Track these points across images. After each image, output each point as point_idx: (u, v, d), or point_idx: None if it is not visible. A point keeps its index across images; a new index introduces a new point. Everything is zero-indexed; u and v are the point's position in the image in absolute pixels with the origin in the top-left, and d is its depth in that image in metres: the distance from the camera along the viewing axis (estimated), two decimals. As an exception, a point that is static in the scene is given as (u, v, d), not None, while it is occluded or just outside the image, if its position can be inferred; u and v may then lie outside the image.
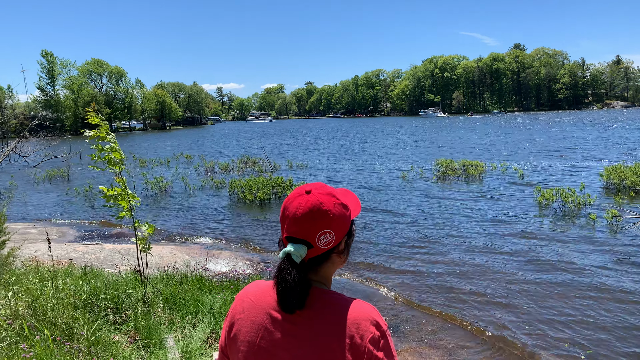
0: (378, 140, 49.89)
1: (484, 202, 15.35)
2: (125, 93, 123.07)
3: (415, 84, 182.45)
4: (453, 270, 9.10)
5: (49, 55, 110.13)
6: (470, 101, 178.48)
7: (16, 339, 4.01)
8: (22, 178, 28.31)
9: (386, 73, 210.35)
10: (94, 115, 5.23)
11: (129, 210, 5.40)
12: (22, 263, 7.04)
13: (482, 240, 11.07)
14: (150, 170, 28.13)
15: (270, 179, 18.28)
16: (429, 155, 31.26)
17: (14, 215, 16.41)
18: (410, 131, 67.35)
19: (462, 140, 45.37)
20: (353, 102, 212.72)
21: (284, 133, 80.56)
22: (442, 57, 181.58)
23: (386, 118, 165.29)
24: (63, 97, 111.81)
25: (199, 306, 5.88)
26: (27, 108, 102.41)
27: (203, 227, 13.93)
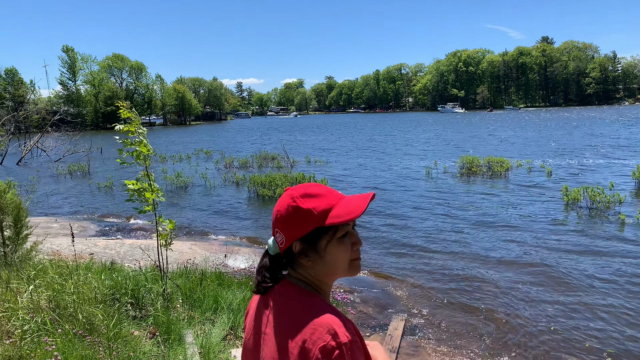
0: (399, 136, 49.61)
1: (509, 201, 15.14)
2: (145, 88, 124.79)
3: (439, 78, 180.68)
4: (475, 275, 9.01)
5: (70, 51, 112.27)
6: (495, 96, 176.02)
7: (39, 333, 4.12)
8: (44, 172, 28.94)
9: (408, 67, 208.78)
10: (126, 109, 5.32)
11: (152, 204, 5.48)
12: (44, 257, 7.20)
13: (503, 241, 10.93)
14: (170, 166, 28.48)
15: (290, 175, 18.35)
16: (452, 152, 30.96)
17: (36, 209, 16.80)
18: (429, 127, 66.79)
19: (482, 137, 44.80)
20: (374, 97, 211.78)
21: (305, 128, 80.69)
22: (466, 51, 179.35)
23: (408, 113, 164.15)
24: (84, 92, 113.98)
25: (218, 302, 5.94)
26: (49, 103, 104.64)
27: (222, 223, 14.05)
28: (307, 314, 1.40)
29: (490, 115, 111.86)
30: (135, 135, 5.36)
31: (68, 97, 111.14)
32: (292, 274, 1.55)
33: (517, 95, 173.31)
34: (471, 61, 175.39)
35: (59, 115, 48.58)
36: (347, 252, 1.50)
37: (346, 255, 1.50)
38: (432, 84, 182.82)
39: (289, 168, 25.22)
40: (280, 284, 1.55)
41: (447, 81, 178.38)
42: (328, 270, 1.51)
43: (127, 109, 5.34)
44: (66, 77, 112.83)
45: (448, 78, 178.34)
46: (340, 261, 1.50)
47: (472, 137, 44.58)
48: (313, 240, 1.49)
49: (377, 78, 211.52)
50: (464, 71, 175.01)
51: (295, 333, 1.37)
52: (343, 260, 1.50)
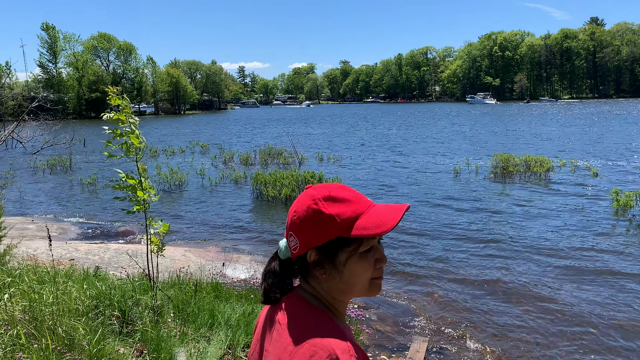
0: (423, 129, 49.49)
1: (549, 206, 15.04)
2: (135, 72, 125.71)
3: (470, 64, 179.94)
4: (510, 293, 8.96)
5: (51, 29, 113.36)
6: (535, 85, 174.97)
7: (12, 347, 4.16)
8: (21, 166, 29.30)
9: (435, 51, 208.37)
10: (116, 96, 5.37)
11: (142, 205, 5.52)
12: (19, 263, 7.28)
13: (541, 255, 10.86)
14: (162, 161, 28.68)
15: (297, 173, 18.38)
16: (480, 149, 30.82)
17: (11, 208, 16.99)
18: (453, 120, 66.52)
19: (521, 132, 44.54)
20: (395, 84, 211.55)
21: (317, 119, 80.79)
22: (502, 33, 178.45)
23: (434, 104, 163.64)
24: (66, 75, 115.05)
25: (215, 317, 5.97)
26: (26, 88, 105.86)
27: (220, 227, 14.12)
28: (310, 334, 1.39)
29: (526, 107, 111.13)
30: (126, 125, 5.41)
31: (48, 82, 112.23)
32: (303, 286, 1.54)
33: (560, 84, 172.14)
34: (508, 45, 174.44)
35: (37, 102, 48.74)
36: (369, 269, 1.46)
37: (367, 273, 1.47)
38: (463, 71, 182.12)
39: (296, 165, 25.28)
40: (289, 296, 1.53)
41: (480, 68, 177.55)
42: (344, 288, 1.48)
43: (117, 95, 5.39)
44: (46, 59, 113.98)
45: (481, 64, 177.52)
46: (360, 279, 1.46)
47: (505, 132, 44.36)
48: (332, 251, 1.45)
49: (400, 63, 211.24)
50: (499, 56, 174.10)
51: (294, 354, 1.37)
52: (363, 278, 1.46)
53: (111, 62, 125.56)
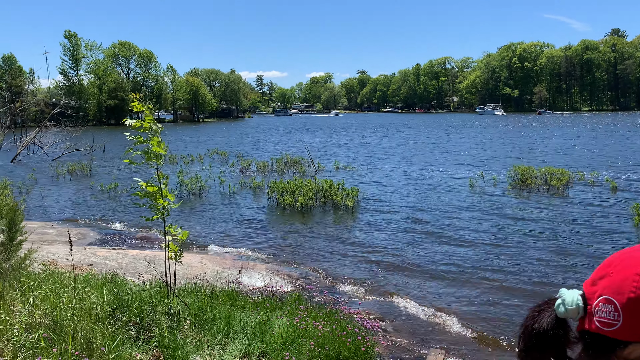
0: (441, 140, 49.28)
1: (568, 220, 14.87)
2: (155, 80, 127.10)
3: (489, 75, 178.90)
4: (526, 306, 8.86)
5: (73, 37, 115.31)
6: (554, 97, 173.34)
7: (33, 351, 4.23)
8: (42, 172, 29.71)
9: (454, 62, 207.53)
10: (139, 103, 5.44)
11: (162, 212, 5.57)
12: (40, 267, 7.38)
13: (559, 271, 10.74)
14: (181, 168, 28.90)
15: (315, 182, 18.40)
16: (501, 160, 30.60)
17: (32, 213, 17.24)
18: (462, 131, 66.14)
19: (536, 143, 44.14)
20: (413, 94, 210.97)
21: (338, 129, 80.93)
22: (522, 44, 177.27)
23: (452, 115, 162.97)
24: (87, 83, 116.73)
25: (231, 325, 5.99)
26: (48, 94, 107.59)
27: (237, 234, 14.18)
28: None
29: (536, 119, 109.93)
30: (149, 131, 5.47)
31: (69, 89, 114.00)
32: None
33: (580, 96, 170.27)
34: (527, 56, 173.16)
35: (59, 108, 49.82)
36: None
37: None
38: (482, 82, 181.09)
39: (313, 174, 25.32)
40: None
41: (499, 78, 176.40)
42: None
43: (141, 102, 5.46)
44: (68, 66, 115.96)
45: (500, 75, 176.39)
46: None
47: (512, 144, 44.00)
48: None
49: (418, 73, 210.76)
50: (518, 67, 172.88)
51: None
52: None
53: (131, 69, 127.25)
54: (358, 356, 5.95)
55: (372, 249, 12.35)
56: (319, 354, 5.67)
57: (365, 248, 12.43)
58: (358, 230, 14.25)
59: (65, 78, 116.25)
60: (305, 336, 5.94)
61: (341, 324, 6.36)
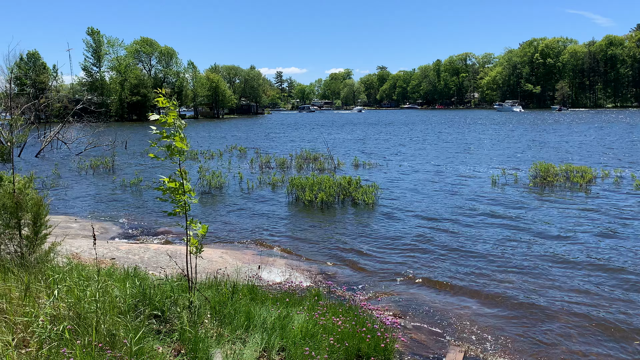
0: (460, 136, 48.89)
1: (590, 217, 14.67)
2: (176, 76, 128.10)
3: (511, 71, 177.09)
4: (547, 304, 8.77)
5: (96, 33, 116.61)
6: (577, 93, 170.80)
7: (58, 342, 4.29)
8: (65, 167, 30.15)
9: (475, 57, 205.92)
10: (165, 98, 5.49)
11: (183, 207, 5.62)
12: (63, 260, 7.49)
13: (578, 268, 10.59)
14: (202, 164, 29.10)
15: (334, 178, 18.39)
16: (521, 157, 30.27)
17: (56, 207, 17.51)
18: (475, 128, 65.47)
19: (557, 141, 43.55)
20: (433, 90, 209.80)
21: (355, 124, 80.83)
22: (544, 40, 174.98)
23: (471, 111, 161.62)
24: (109, 79, 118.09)
25: (251, 319, 6.02)
26: (71, 90, 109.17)
27: (256, 230, 14.23)
28: None
29: (556, 115, 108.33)
30: (172, 126, 5.51)
31: (92, 85, 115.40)
32: None
33: (604, 92, 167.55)
34: (550, 52, 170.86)
35: (82, 104, 50.54)
36: None
37: None
38: (503, 78, 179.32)
39: (332, 170, 25.31)
40: None
41: (521, 75, 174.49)
42: None
43: (166, 97, 5.51)
44: (90, 63, 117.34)
45: (522, 71, 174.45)
46: None
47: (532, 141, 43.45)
48: None
49: (438, 69, 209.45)
50: (540, 63, 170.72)
51: None
52: None
53: (153, 66, 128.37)
54: (377, 352, 5.94)
55: (391, 245, 12.31)
56: (339, 349, 5.68)
57: (385, 245, 12.40)
58: (377, 227, 14.21)
59: (88, 74, 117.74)
60: (325, 332, 5.95)
61: (360, 320, 6.36)
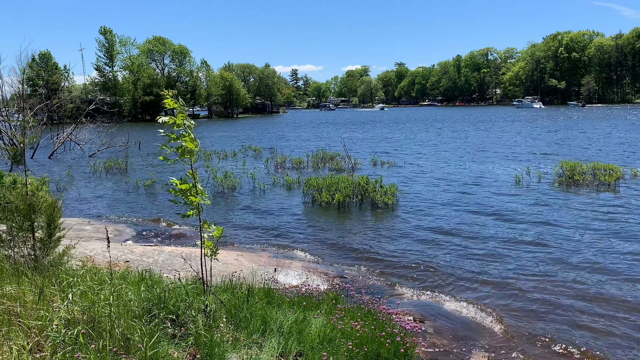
0: (482, 133, 48.53)
1: (618, 218, 14.47)
2: (189, 75, 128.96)
3: (534, 66, 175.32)
4: (576, 308, 8.67)
5: (108, 33, 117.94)
6: (604, 88, 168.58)
7: (72, 347, 4.35)
8: (78, 168, 30.52)
9: (497, 52, 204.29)
10: (172, 99, 5.52)
11: (196, 208, 5.65)
12: (78, 264, 7.58)
13: (605, 271, 10.45)
14: (215, 164, 29.27)
15: (352, 178, 18.36)
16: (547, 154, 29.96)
17: (69, 209, 17.73)
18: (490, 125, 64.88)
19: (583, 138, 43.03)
20: (454, 87, 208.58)
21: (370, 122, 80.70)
22: (569, 34, 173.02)
23: (491, 108, 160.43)
24: (122, 79, 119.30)
25: (267, 323, 6.03)
26: (83, 91, 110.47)
27: (272, 232, 14.27)
28: None
29: (578, 111, 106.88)
30: (181, 128, 5.55)
31: (104, 85, 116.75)
32: None
33: (632, 87, 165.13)
34: (575, 46, 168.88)
35: (95, 105, 51.16)
36: None
37: None
38: (526, 73, 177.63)
39: (349, 170, 25.28)
40: None
41: (544, 70, 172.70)
42: None
43: (173, 98, 5.54)
44: (103, 62, 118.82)
45: (545, 66, 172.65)
46: None
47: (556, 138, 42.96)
48: None
49: (458, 65, 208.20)
50: (565, 58, 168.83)
51: None
52: None
53: (166, 65, 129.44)
54: (397, 358, 5.92)
55: (411, 247, 12.27)
56: (357, 354, 5.66)
57: (405, 247, 12.35)
58: (396, 229, 14.17)
59: (101, 74, 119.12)
60: (343, 336, 5.94)
61: (380, 325, 6.34)
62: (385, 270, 10.66)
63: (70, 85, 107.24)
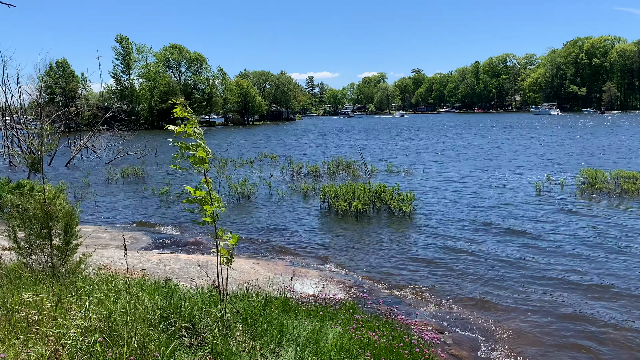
0: (499, 141, 48.19)
1: None
2: (206, 83, 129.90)
3: (554, 72, 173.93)
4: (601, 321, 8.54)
5: (125, 41, 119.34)
6: (626, 95, 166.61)
7: (89, 355, 4.38)
8: (95, 176, 30.86)
9: (516, 59, 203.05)
10: (180, 108, 5.56)
11: (212, 216, 5.68)
12: (95, 271, 7.65)
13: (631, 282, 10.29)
14: (231, 172, 29.42)
15: (369, 186, 18.32)
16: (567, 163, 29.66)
17: (85, 217, 17.93)
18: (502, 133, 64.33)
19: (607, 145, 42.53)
20: (472, 93, 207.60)
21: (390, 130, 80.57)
22: (589, 39, 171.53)
23: (509, 115, 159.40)
24: (138, 86, 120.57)
25: (283, 333, 6.03)
26: (100, 98, 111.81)
27: (288, 240, 14.28)
28: None
29: (599, 119, 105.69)
30: (192, 137, 5.57)
31: (121, 92, 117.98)
32: None
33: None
34: (596, 51, 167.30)
35: (112, 112, 51.76)
36: None
37: None
38: (546, 79, 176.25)
39: (366, 178, 25.24)
40: None
41: (565, 76, 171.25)
42: None
43: (182, 107, 5.56)
44: (119, 70, 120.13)
45: (566, 72, 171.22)
46: None
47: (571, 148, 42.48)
48: None
49: (477, 71, 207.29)
50: (586, 64, 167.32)
51: None
52: None
53: (182, 73, 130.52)
54: (416, 369, 5.88)
55: (429, 257, 12.19)
56: (375, 365, 5.64)
57: (423, 256, 12.28)
58: (415, 237, 14.10)
59: (117, 82, 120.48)
60: (361, 347, 5.91)
61: (398, 335, 6.30)
62: (403, 280, 10.60)
63: (88, 93, 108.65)
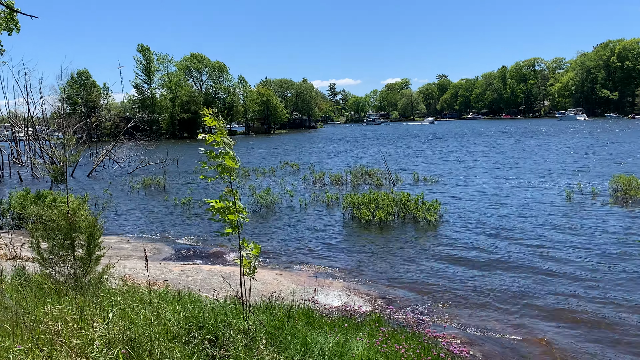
0: (526, 148, 47.62)
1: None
2: (227, 92, 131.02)
3: (584, 76, 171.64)
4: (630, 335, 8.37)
5: (146, 50, 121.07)
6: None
7: (112, 368, 4.42)
8: (117, 186, 31.28)
9: (544, 63, 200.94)
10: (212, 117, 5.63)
11: (236, 226, 5.71)
12: (117, 282, 7.74)
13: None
14: (253, 181, 29.56)
15: (393, 195, 18.24)
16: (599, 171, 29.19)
17: (108, 227, 18.15)
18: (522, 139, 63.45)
19: None
20: (499, 99, 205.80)
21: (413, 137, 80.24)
22: (621, 42, 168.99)
23: (534, 120, 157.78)
24: (160, 96, 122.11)
25: (308, 345, 6.02)
26: (122, 108, 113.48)
27: (311, 250, 14.28)
28: None
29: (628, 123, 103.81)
30: (221, 146, 5.63)
31: (142, 102, 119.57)
32: None
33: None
34: (628, 54, 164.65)
35: (133, 122, 52.52)
36: None
37: None
38: (575, 84, 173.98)
39: (390, 186, 25.14)
40: None
41: (596, 80, 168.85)
42: None
43: (213, 116, 5.63)
44: (141, 80, 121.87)
45: (597, 76, 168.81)
46: None
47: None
48: None
49: (504, 76, 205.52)
50: (618, 67, 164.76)
51: None
52: None
53: (203, 82, 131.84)
54: (444, 383, 5.81)
55: (456, 268, 12.08)
56: (402, 379, 5.59)
57: (449, 267, 12.17)
58: (441, 248, 13.98)
59: (139, 92, 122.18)
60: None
61: (425, 348, 6.25)
62: (430, 292, 10.51)
63: (110, 103, 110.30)
